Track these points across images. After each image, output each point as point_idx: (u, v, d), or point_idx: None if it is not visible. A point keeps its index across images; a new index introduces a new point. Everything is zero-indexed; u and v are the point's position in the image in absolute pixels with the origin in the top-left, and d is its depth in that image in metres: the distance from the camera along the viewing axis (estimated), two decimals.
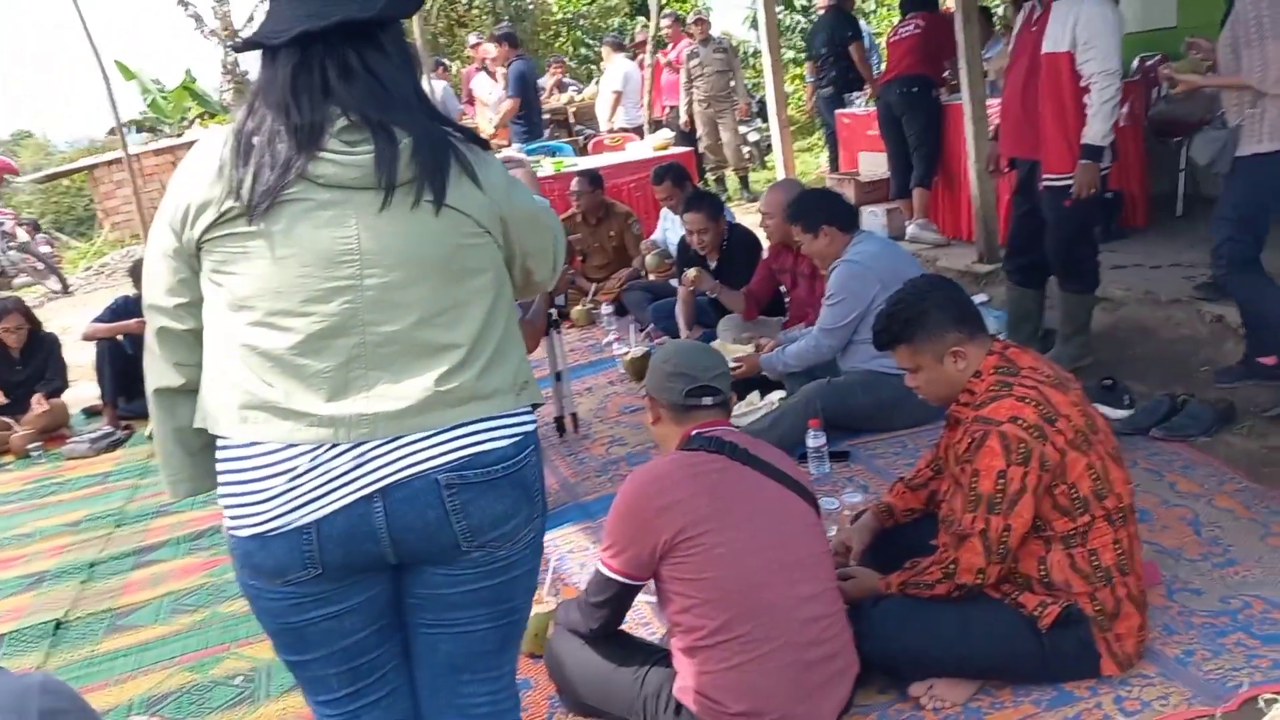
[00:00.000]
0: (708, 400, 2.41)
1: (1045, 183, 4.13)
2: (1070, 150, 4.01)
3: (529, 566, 1.77)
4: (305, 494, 1.58)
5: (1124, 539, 2.38)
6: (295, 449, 1.57)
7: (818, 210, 4.08)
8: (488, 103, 10.22)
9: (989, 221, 5.89)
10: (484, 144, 1.74)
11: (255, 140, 1.57)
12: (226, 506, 1.62)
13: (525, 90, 9.51)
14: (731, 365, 4.39)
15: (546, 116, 11.58)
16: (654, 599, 2.53)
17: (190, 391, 1.73)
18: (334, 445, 1.58)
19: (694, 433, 2.37)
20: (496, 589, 1.72)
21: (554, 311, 4.17)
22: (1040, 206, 4.26)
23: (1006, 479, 2.29)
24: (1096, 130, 3.90)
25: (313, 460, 1.57)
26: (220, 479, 1.63)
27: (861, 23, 11.12)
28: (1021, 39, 4.20)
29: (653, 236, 6.81)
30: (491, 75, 10.66)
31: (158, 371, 1.78)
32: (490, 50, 11.23)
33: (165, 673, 3.16)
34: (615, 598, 2.31)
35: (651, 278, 6.55)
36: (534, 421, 1.76)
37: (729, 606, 2.17)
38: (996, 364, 2.44)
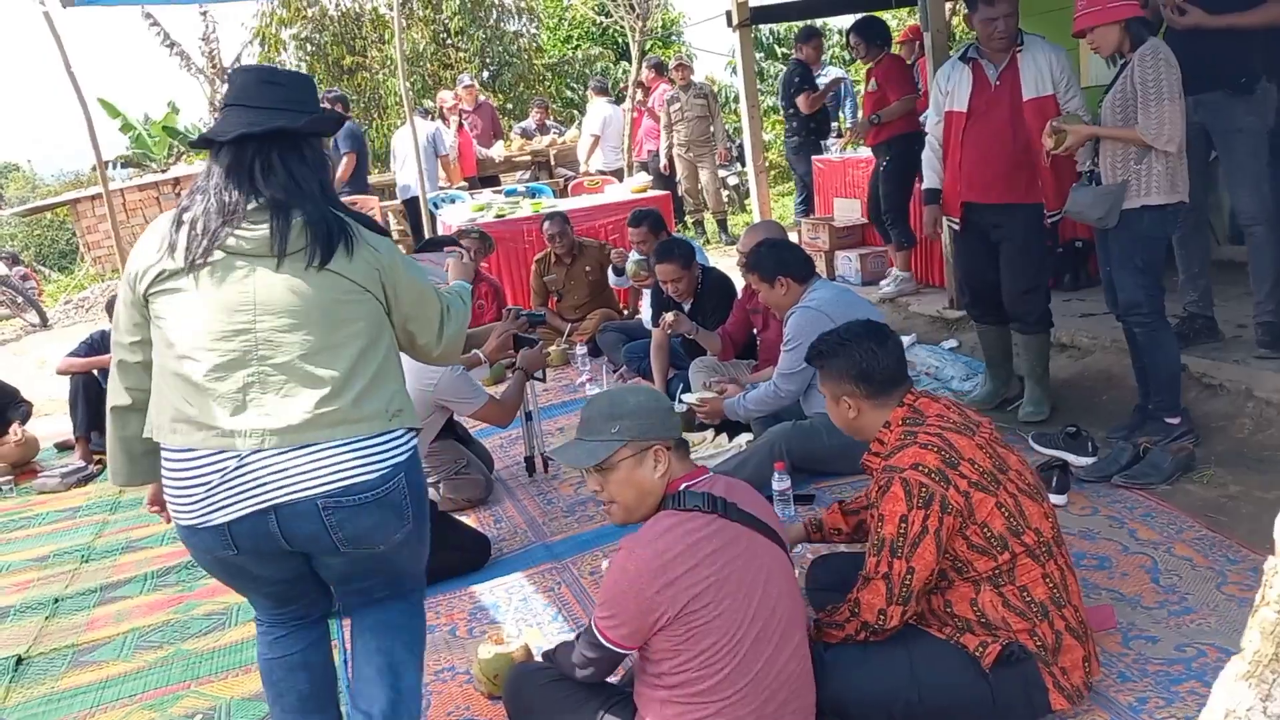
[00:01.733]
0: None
1: (1050, 219, 4.30)
2: (1061, 185, 4.19)
3: (407, 543, 2.25)
4: (219, 502, 2.09)
5: (1054, 572, 2.44)
6: (212, 461, 2.08)
7: (774, 261, 4.13)
8: (444, 152, 10.36)
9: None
10: (376, 227, 2.27)
11: (185, 217, 2.14)
12: (168, 500, 2.18)
13: (359, 147, 9.64)
14: (696, 403, 4.44)
15: (528, 158, 11.69)
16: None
17: (137, 410, 2.25)
18: (240, 463, 2.07)
19: (684, 488, 2.29)
20: (380, 563, 2.25)
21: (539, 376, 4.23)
22: (999, 248, 4.40)
23: (908, 523, 2.36)
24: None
25: (223, 476, 2.07)
26: (163, 479, 2.18)
27: (836, 70, 11.33)
28: (980, 95, 4.27)
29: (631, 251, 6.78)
30: (446, 122, 10.82)
31: (114, 392, 2.30)
32: (447, 98, 11.38)
33: (124, 710, 3.14)
34: (607, 660, 2.29)
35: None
36: (407, 450, 2.21)
37: (722, 670, 2.16)
38: (905, 415, 2.57)
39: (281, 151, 2.16)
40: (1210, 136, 4.18)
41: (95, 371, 6.14)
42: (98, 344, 6.22)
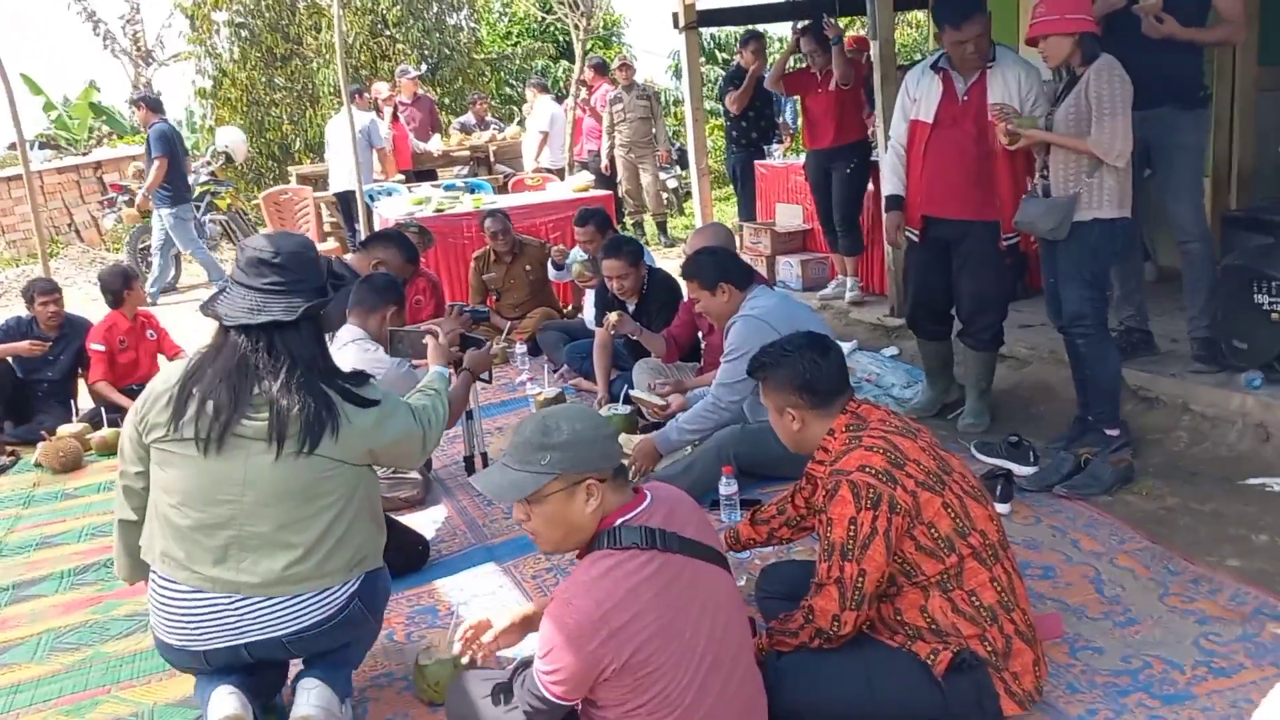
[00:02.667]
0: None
1: (1005, 241, 4.29)
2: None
3: (363, 635, 2.73)
4: (200, 634, 2.50)
5: (1001, 575, 2.45)
6: (194, 597, 2.47)
7: (715, 268, 4.02)
8: (380, 144, 10.18)
9: (901, 277, 6.00)
10: (362, 401, 2.57)
11: (196, 390, 2.48)
12: (151, 612, 2.57)
13: (171, 150, 9.20)
14: (659, 405, 4.34)
15: (467, 153, 11.54)
16: None
17: (138, 525, 2.64)
18: (216, 608, 2.47)
19: (620, 523, 2.15)
20: (333, 657, 2.64)
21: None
22: (957, 264, 4.40)
23: (857, 525, 2.36)
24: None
25: (203, 615, 2.48)
26: (151, 595, 2.56)
27: None
28: (947, 107, 4.26)
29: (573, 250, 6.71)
30: (380, 115, 10.65)
31: (121, 509, 2.72)
32: (383, 90, 11.19)
33: (39, 716, 2.98)
34: (551, 713, 2.14)
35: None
36: (356, 584, 2.59)
37: (672, 712, 2.10)
38: (848, 422, 2.58)
39: (281, 333, 2.49)
40: (1149, 153, 4.23)
41: (10, 359, 5.90)
42: (12, 330, 5.97)
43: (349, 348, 3.97)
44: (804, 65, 6.74)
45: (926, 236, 4.44)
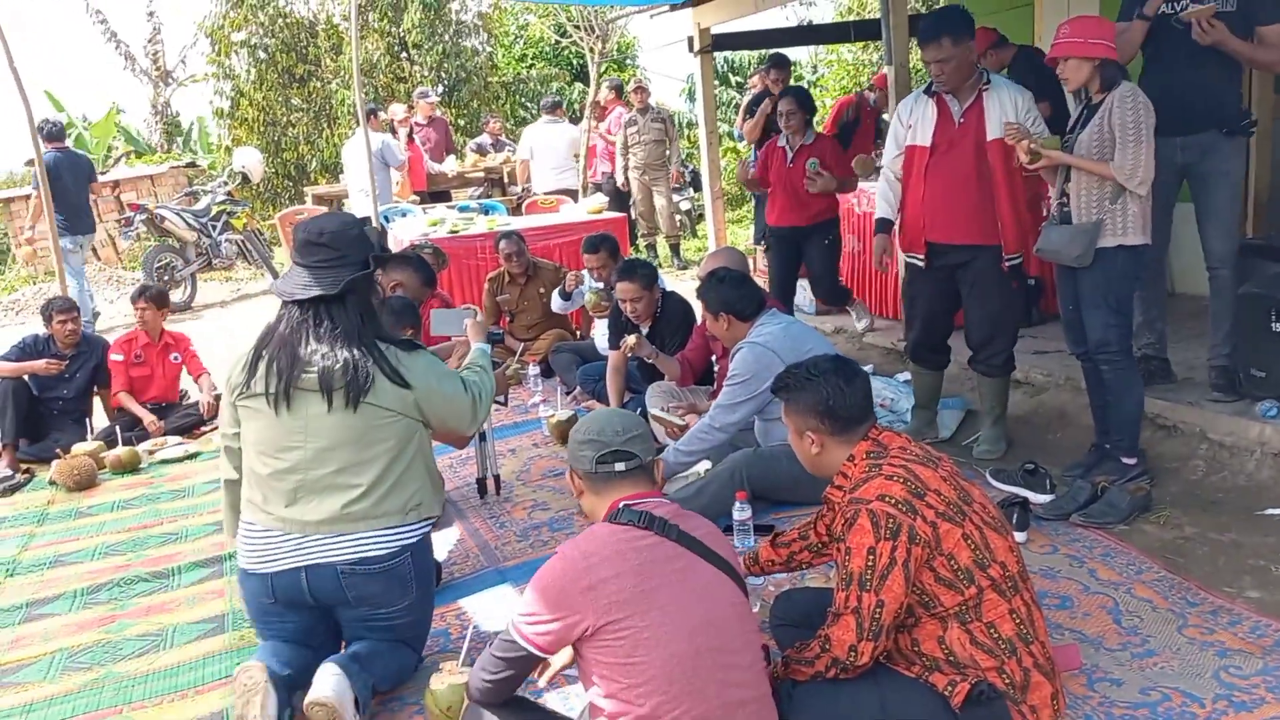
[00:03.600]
0: (620, 466, 2.37)
1: (1008, 263, 4.28)
2: (1021, 228, 4.25)
3: (410, 613, 2.97)
4: (269, 558, 2.87)
5: (1020, 607, 2.41)
6: (267, 533, 2.88)
7: (718, 297, 4.09)
8: (396, 164, 10.25)
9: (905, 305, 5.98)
10: (416, 346, 3.02)
11: (265, 353, 2.90)
12: (239, 549, 2.96)
13: (54, 182, 8.55)
14: (679, 425, 4.32)
15: (481, 174, 11.59)
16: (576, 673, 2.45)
17: (238, 482, 3.03)
18: (285, 533, 2.86)
19: (622, 504, 2.32)
20: (380, 628, 2.94)
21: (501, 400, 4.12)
22: (964, 290, 4.40)
23: (876, 554, 2.33)
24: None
25: (274, 542, 2.87)
26: (239, 535, 2.96)
27: None
28: (943, 131, 4.26)
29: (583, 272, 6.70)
30: (397, 136, 10.72)
31: (225, 469, 3.13)
32: (399, 111, 11.26)
33: None
34: (519, 661, 2.25)
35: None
36: (417, 534, 2.94)
37: (656, 691, 2.12)
38: (869, 449, 2.56)
39: (329, 305, 2.87)
40: (1184, 180, 4.22)
41: (27, 377, 5.93)
42: (29, 348, 6.01)
43: None
44: (774, 134, 6.45)
45: (931, 261, 4.41)
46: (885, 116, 7.24)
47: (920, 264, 4.46)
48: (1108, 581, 3.29)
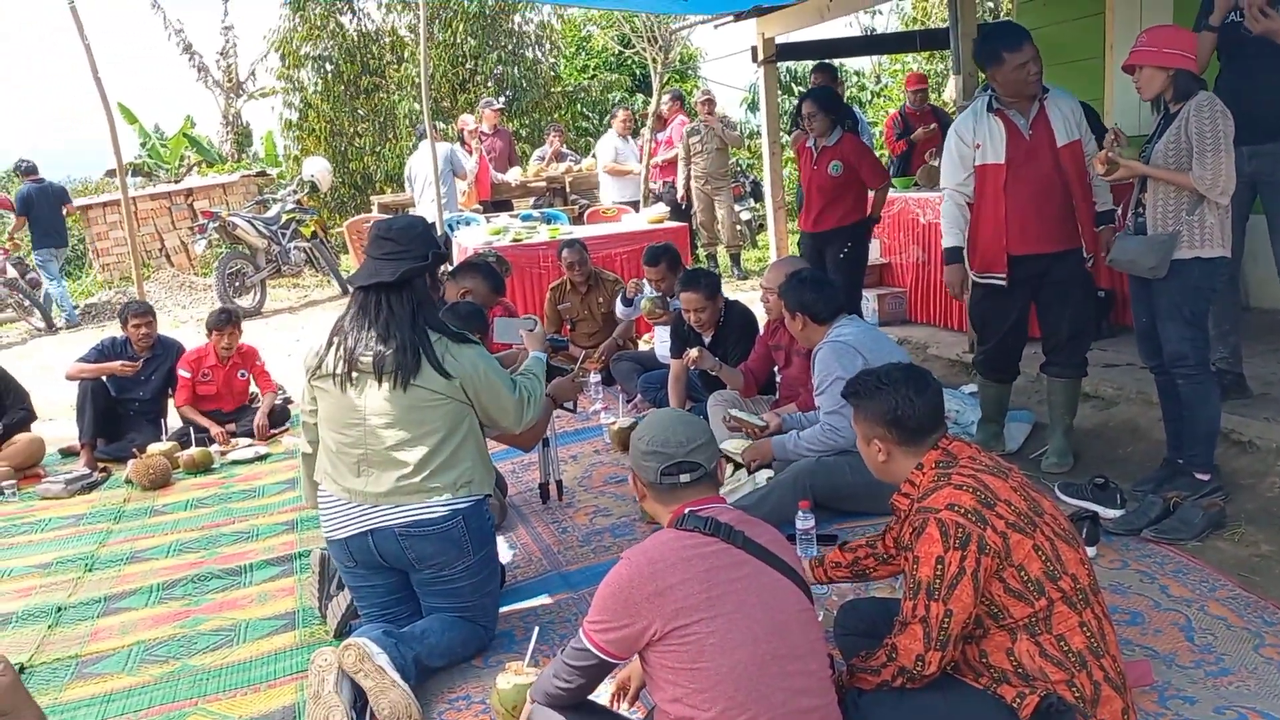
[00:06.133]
0: (685, 478, 2.36)
1: (1089, 261, 4.31)
2: (1094, 229, 4.29)
3: (470, 574, 3.19)
4: (342, 524, 3.18)
5: (1091, 620, 2.37)
6: (339, 501, 3.18)
7: (797, 297, 4.15)
8: (466, 171, 10.37)
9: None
10: (466, 338, 3.22)
11: (335, 339, 3.17)
12: (321, 519, 3.27)
13: (28, 209, 11.37)
14: (737, 453, 4.31)
15: (543, 184, 11.68)
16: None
17: (313, 455, 3.34)
18: (352, 503, 3.16)
19: (687, 511, 2.33)
20: (446, 591, 3.20)
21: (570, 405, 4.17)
22: (1047, 296, 4.38)
23: (944, 564, 2.31)
24: None
25: (344, 511, 3.18)
26: (319, 505, 3.27)
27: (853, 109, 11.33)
28: (1016, 145, 4.22)
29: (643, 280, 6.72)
30: (468, 147, 10.83)
31: (302, 443, 3.43)
32: (469, 121, 11.39)
33: None
34: (591, 669, 2.29)
35: (645, 337, 6.50)
36: (468, 500, 3.16)
37: (721, 696, 2.12)
38: (938, 459, 2.53)
39: (389, 293, 3.12)
40: (1255, 190, 4.14)
41: (105, 378, 6.10)
42: (107, 350, 6.19)
43: None
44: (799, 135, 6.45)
45: (1016, 277, 4.32)
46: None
47: (1002, 283, 4.34)
48: (1180, 598, 3.23)
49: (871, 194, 6.19)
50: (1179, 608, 3.17)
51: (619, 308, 6.72)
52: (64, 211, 11.79)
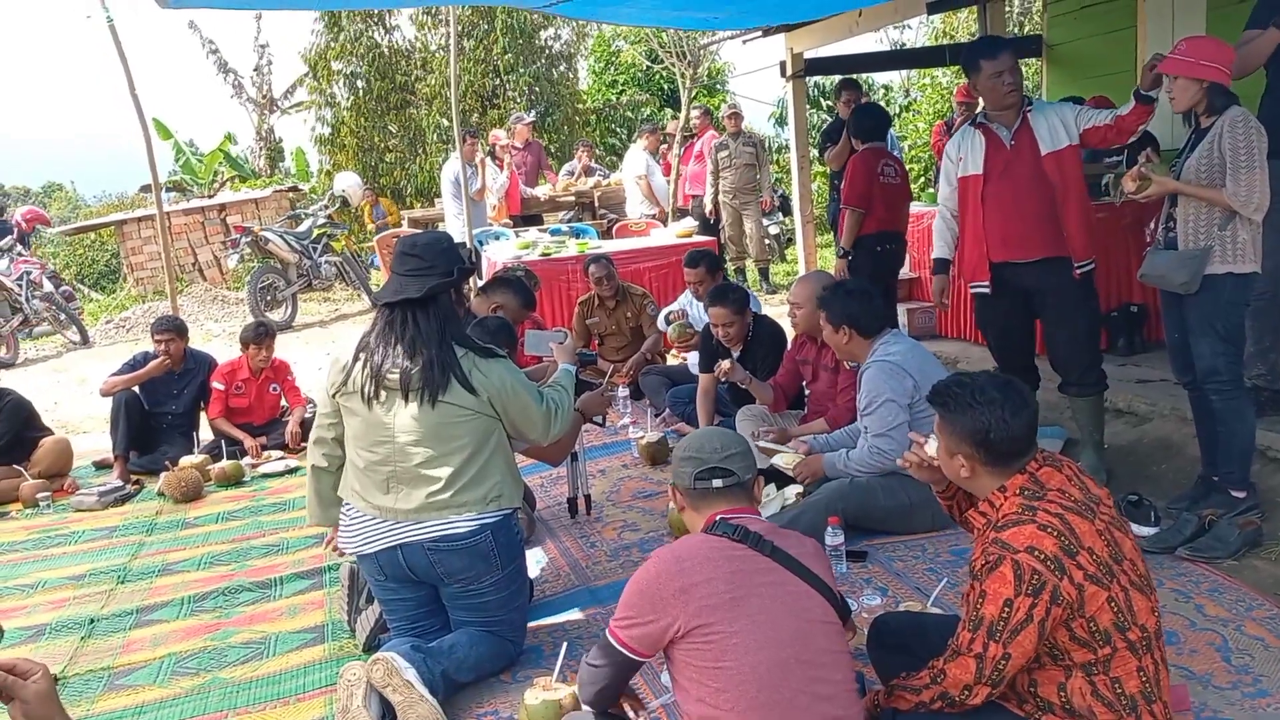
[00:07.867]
0: (717, 483, 2.41)
1: (1080, 270, 4.24)
2: (1090, 234, 4.25)
3: (498, 589, 3.18)
4: (370, 540, 3.17)
5: (1149, 666, 2.28)
6: (367, 517, 3.18)
7: (843, 308, 4.10)
8: (491, 188, 10.40)
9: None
10: (493, 352, 3.20)
11: (362, 356, 3.14)
12: (342, 535, 3.30)
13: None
14: (790, 468, 4.27)
15: (572, 199, 11.73)
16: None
17: (329, 472, 3.38)
18: (380, 519, 3.15)
19: (718, 518, 2.37)
20: (474, 606, 3.19)
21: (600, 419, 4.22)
22: (1041, 308, 4.39)
23: (1013, 608, 2.19)
24: None
25: (372, 527, 3.17)
26: (341, 522, 3.30)
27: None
28: (995, 156, 4.26)
29: (671, 307, 6.78)
30: (499, 162, 10.88)
31: (314, 456, 3.39)
32: (501, 136, 11.44)
33: None
34: (616, 666, 2.35)
35: (674, 351, 6.52)
36: (497, 515, 3.15)
37: (742, 699, 2.14)
38: (1023, 484, 2.36)
39: (415, 310, 3.10)
40: None
41: (137, 389, 6.16)
42: (139, 364, 6.25)
43: None
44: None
45: (1002, 285, 4.39)
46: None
47: (986, 290, 4.44)
48: (1215, 618, 3.19)
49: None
50: (1215, 627, 3.13)
51: (660, 322, 6.75)
52: None
